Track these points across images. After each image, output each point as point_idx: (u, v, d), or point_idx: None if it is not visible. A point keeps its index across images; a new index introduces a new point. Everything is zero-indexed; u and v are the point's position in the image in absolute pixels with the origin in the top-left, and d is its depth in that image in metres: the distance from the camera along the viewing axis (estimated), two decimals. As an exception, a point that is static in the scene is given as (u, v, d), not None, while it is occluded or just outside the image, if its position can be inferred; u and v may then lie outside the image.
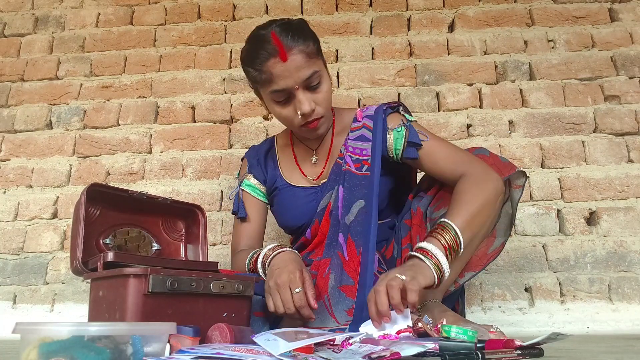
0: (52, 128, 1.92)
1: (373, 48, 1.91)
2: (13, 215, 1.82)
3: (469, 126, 1.79)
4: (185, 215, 1.20)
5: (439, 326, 0.83)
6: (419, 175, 1.33)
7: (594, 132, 1.74)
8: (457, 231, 0.96)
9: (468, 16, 1.91)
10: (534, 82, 1.81)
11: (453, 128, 1.79)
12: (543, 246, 1.64)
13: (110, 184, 1.58)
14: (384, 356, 0.66)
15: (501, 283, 1.61)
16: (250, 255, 1.15)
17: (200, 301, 0.88)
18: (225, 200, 1.79)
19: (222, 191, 1.80)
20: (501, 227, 1.17)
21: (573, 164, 1.71)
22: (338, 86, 1.87)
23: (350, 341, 0.77)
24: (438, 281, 0.92)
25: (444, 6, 1.94)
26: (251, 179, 1.30)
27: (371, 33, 1.93)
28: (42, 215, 1.81)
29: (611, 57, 1.81)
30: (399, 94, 1.85)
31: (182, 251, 1.19)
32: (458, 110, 1.81)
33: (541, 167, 1.72)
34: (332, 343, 0.78)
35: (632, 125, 1.73)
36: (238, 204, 1.29)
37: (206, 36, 1.98)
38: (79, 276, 1.00)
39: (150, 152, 1.87)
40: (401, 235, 1.20)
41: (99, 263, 0.90)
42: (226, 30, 1.98)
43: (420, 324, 0.89)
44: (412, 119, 1.20)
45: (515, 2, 1.92)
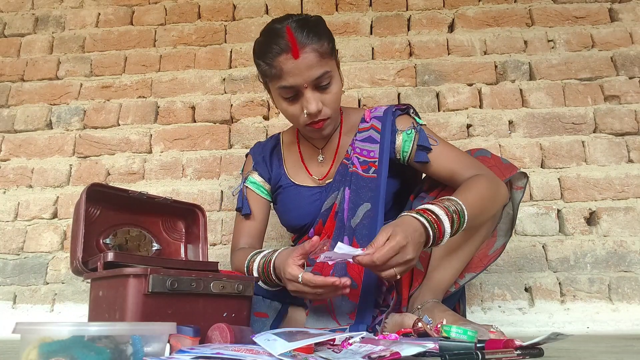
0: (52, 128, 1.92)
1: (373, 48, 1.91)
2: (13, 215, 1.82)
3: (469, 126, 1.79)
4: (185, 215, 1.20)
5: (439, 326, 0.83)
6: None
7: (594, 132, 1.74)
8: (461, 204, 0.95)
9: (468, 16, 1.91)
10: (534, 82, 1.81)
11: (453, 128, 1.79)
12: (543, 246, 1.64)
13: (110, 184, 1.58)
14: (384, 356, 0.66)
15: (501, 283, 1.61)
16: (248, 259, 1.13)
17: (200, 301, 0.88)
18: (225, 200, 1.79)
19: (222, 191, 1.80)
20: (502, 228, 1.17)
21: (573, 164, 1.71)
22: (338, 86, 1.87)
23: (350, 341, 0.78)
24: (437, 237, 0.91)
25: (444, 6, 1.93)
26: (256, 176, 1.29)
27: (371, 33, 1.93)
28: (42, 215, 1.81)
29: (611, 57, 1.81)
30: (399, 94, 1.85)
31: (182, 251, 1.19)
32: (458, 110, 1.81)
33: (541, 167, 1.72)
34: (332, 343, 0.78)
35: (632, 125, 1.73)
36: (242, 201, 1.28)
37: (206, 36, 1.98)
38: (79, 276, 1.00)
39: (150, 152, 1.87)
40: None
41: (99, 263, 0.90)
42: (226, 30, 1.98)
43: (420, 324, 0.89)
44: (422, 123, 1.20)
45: (515, 2, 1.91)
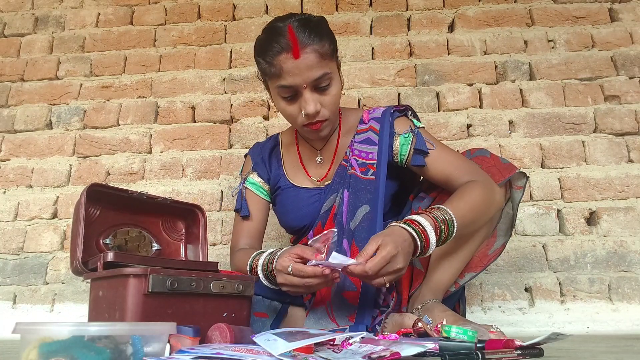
0: (52, 128, 1.92)
1: (373, 48, 1.91)
2: (13, 215, 1.82)
3: (469, 126, 1.79)
4: (185, 215, 1.20)
5: (439, 326, 0.83)
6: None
7: (594, 132, 1.74)
8: (451, 213, 0.96)
9: (468, 16, 1.91)
10: (534, 82, 1.81)
11: (453, 128, 1.79)
12: (543, 246, 1.64)
13: (110, 184, 1.58)
14: (384, 356, 0.66)
15: (501, 283, 1.61)
16: (250, 259, 1.13)
17: (200, 301, 0.88)
18: (225, 200, 1.79)
19: (222, 191, 1.80)
20: (502, 228, 1.17)
21: (573, 164, 1.71)
22: (338, 86, 1.87)
23: (350, 341, 0.77)
24: (424, 247, 0.93)
25: (444, 6, 1.93)
26: (255, 177, 1.29)
27: (371, 33, 1.93)
28: (42, 215, 1.81)
29: (611, 57, 1.81)
30: (399, 94, 1.85)
31: (182, 251, 1.19)
32: (458, 110, 1.81)
33: (541, 167, 1.72)
34: (332, 343, 0.78)
35: (632, 125, 1.73)
36: (241, 202, 1.28)
37: (206, 36, 1.98)
38: (79, 276, 1.00)
39: (150, 152, 1.87)
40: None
41: (99, 263, 0.90)
42: (226, 30, 1.98)
43: (420, 324, 0.90)
44: (420, 125, 1.19)
45: (515, 2, 1.91)
